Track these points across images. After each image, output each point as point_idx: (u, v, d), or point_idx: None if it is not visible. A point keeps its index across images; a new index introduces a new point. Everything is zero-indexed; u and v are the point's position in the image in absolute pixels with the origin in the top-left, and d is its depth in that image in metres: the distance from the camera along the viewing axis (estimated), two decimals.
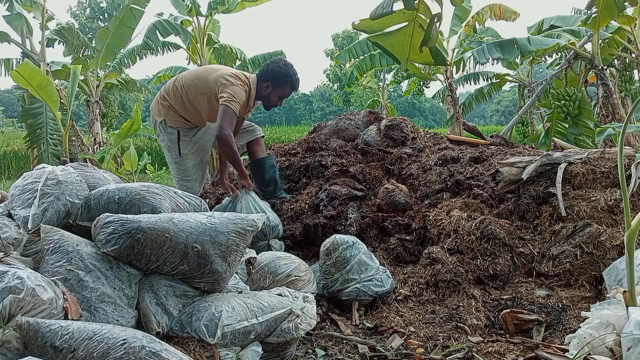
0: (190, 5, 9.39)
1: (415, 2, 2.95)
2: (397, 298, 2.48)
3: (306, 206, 3.35)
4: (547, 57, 9.36)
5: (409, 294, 2.51)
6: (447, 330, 2.16)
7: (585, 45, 6.45)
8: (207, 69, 3.32)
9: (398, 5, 2.98)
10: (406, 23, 3.22)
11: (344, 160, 3.69)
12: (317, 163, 3.67)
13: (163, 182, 8.32)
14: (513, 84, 11.40)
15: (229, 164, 3.56)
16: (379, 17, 2.98)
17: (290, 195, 3.55)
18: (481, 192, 3.02)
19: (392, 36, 3.35)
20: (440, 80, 11.80)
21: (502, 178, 3.01)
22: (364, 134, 4.04)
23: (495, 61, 6.43)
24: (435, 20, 2.99)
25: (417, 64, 3.81)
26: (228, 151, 3.11)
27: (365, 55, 9.52)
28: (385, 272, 2.59)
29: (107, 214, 1.70)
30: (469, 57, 6.53)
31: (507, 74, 10.32)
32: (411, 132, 4.04)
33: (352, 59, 9.70)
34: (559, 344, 1.91)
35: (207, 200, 3.87)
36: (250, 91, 3.24)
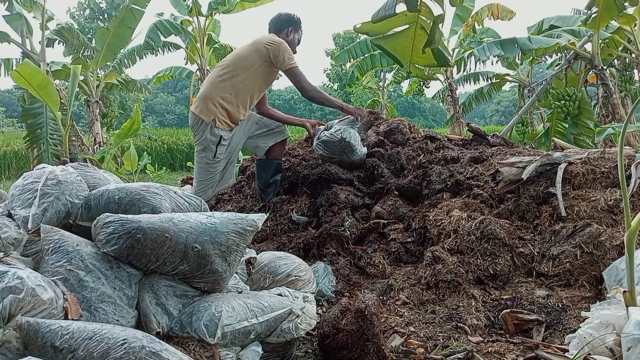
0: (190, 5, 9.39)
1: (418, 3, 2.95)
2: (397, 298, 2.48)
3: (305, 210, 3.34)
4: (547, 57, 9.36)
5: (409, 294, 2.50)
6: (447, 330, 2.15)
7: (585, 45, 6.45)
8: (243, 48, 3.43)
9: (400, 8, 2.97)
10: (408, 25, 3.21)
11: (347, 173, 3.59)
12: (317, 175, 3.51)
13: (163, 182, 8.31)
14: (513, 84, 11.41)
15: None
16: (381, 19, 2.98)
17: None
18: (481, 192, 3.02)
19: (394, 39, 3.35)
20: (440, 81, 11.81)
21: (502, 178, 3.01)
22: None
23: (496, 60, 6.43)
24: (438, 22, 2.99)
25: (419, 66, 3.80)
26: (323, 101, 3.50)
27: (366, 55, 9.53)
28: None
29: (107, 214, 1.70)
30: (469, 55, 6.54)
31: (507, 74, 10.33)
32: (410, 132, 4.03)
33: (352, 60, 9.71)
34: (559, 344, 1.91)
35: (208, 200, 3.87)
36: None
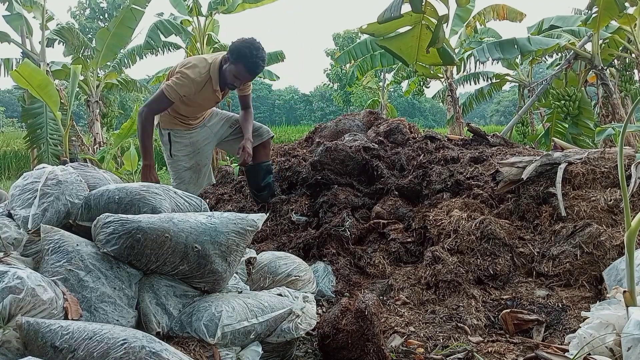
0: (190, 5, 9.39)
1: (422, 4, 2.96)
2: (397, 298, 2.48)
3: (305, 210, 3.34)
4: (547, 57, 9.36)
5: (409, 294, 2.50)
6: (447, 330, 2.15)
7: (585, 46, 6.46)
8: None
9: (405, 8, 2.99)
10: (413, 25, 3.23)
11: (346, 177, 3.58)
12: (317, 179, 3.50)
13: (163, 182, 8.29)
14: (513, 84, 11.41)
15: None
16: (387, 21, 2.99)
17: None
18: (481, 192, 3.02)
19: (400, 39, 3.36)
20: (441, 80, 11.80)
21: (502, 178, 3.01)
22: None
23: (496, 61, 6.44)
24: (443, 22, 3.00)
25: (425, 65, 3.82)
26: (139, 127, 3.03)
27: (366, 55, 9.53)
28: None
29: (107, 214, 1.70)
30: (469, 57, 6.55)
31: (507, 74, 10.33)
32: (410, 132, 4.03)
33: (352, 61, 9.71)
34: (559, 344, 1.91)
35: (207, 200, 3.87)
36: (211, 71, 3.07)
